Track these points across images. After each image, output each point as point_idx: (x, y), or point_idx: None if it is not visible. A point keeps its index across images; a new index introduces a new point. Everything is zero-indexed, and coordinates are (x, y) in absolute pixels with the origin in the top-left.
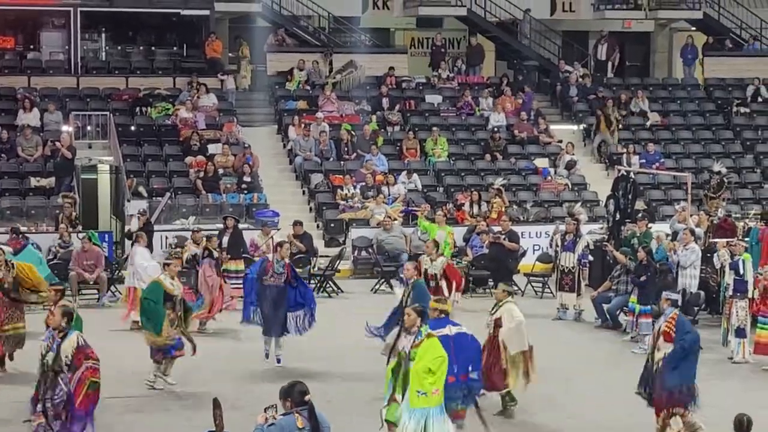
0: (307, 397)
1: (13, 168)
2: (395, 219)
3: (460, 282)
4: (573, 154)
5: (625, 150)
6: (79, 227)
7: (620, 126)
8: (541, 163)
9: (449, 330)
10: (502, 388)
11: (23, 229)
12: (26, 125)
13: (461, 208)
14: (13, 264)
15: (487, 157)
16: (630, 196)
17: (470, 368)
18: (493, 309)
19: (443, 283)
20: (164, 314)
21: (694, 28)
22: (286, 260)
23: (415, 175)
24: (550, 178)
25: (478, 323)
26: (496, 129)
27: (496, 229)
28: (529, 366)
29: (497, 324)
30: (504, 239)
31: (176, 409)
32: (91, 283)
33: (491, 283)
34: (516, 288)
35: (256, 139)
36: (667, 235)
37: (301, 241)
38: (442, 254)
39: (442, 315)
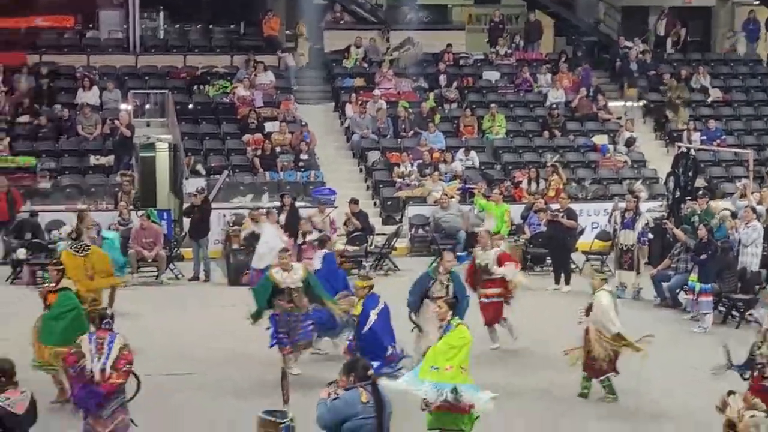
0: (370, 372)
1: (73, 146)
2: (452, 197)
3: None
4: (632, 131)
5: (685, 127)
6: (138, 205)
7: (681, 100)
8: (600, 140)
9: (383, 303)
10: (598, 375)
11: (83, 206)
12: (85, 104)
13: (519, 186)
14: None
15: (546, 134)
16: (690, 173)
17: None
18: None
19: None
20: (263, 308)
21: (756, 2)
22: None
23: (472, 153)
24: (609, 155)
25: (535, 301)
26: (554, 105)
27: (554, 206)
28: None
29: (588, 311)
30: (562, 217)
31: (229, 390)
32: (150, 260)
33: (549, 261)
34: (575, 266)
35: (313, 116)
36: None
37: (357, 219)
38: (499, 242)
39: (371, 291)
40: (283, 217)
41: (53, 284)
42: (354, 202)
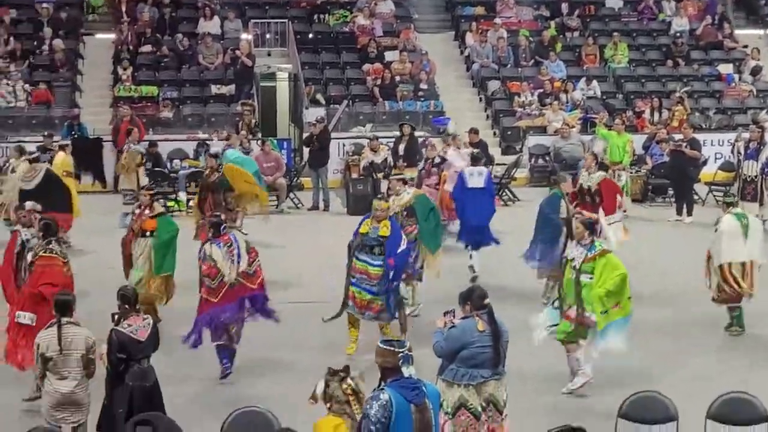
0: (486, 301)
1: (194, 76)
2: (573, 126)
3: (611, 204)
4: (759, 60)
5: None
6: (259, 135)
7: None
8: (725, 69)
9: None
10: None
11: (204, 136)
12: (207, 33)
13: (641, 116)
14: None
15: (669, 63)
16: None
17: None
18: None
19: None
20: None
21: None
22: None
23: (594, 82)
24: (734, 84)
25: (656, 232)
26: (678, 34)
27: (677, 137)
28: (735, 279)
29: None
30: (685, 147)
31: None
32: (270, 188)
33: (671, 192)
34: (697, 197)
35: (433, 45)
36: None
37: (477, 149)
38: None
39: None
40: (402, 147)
41: (147, 210)
42: (474, 131)
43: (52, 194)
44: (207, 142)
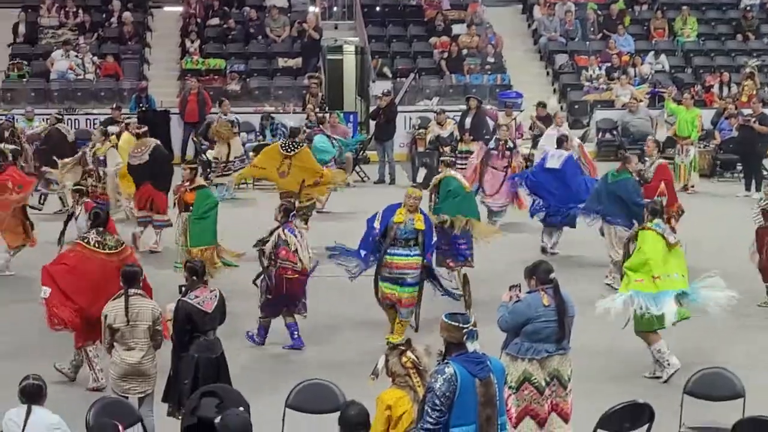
0: (551, 275)
1: (262, 48)
2: (641, 101)
3: (653, 189)
4: None
5: None
6: (326, 107)
7: None
8: None
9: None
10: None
11: (271, 108)
12: (274, 6)
13: (710, 90)
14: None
15: (739, 37)
16: None
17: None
18: (763, 200)
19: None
20: None
21: None
22: None
23: (662, 56)
24: None
25: (725, 206)
26: (748, 8)
27: (746, 111)
28: None
29: (765, 215)
30: (754, 122)
31: None
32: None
33: (739, 167)
34: (766, 172)
35: (501, 19)
36: None
37: (544, 123)
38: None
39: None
40: (468, 120)
41: (187, 183)
42: (541, 105)
43: (159, 172)
44: (272, 115)
